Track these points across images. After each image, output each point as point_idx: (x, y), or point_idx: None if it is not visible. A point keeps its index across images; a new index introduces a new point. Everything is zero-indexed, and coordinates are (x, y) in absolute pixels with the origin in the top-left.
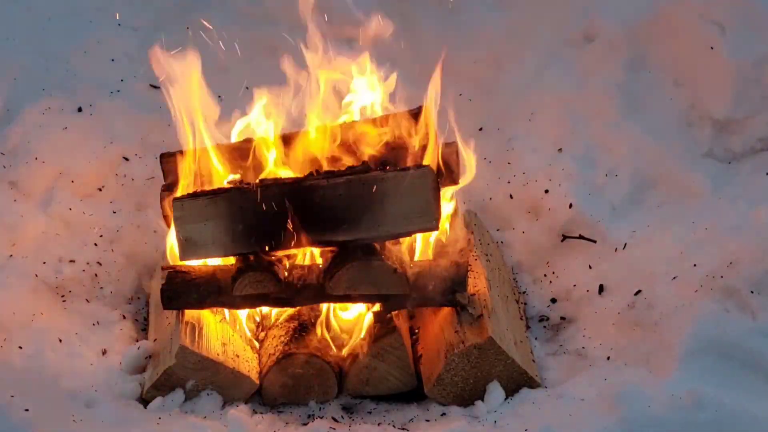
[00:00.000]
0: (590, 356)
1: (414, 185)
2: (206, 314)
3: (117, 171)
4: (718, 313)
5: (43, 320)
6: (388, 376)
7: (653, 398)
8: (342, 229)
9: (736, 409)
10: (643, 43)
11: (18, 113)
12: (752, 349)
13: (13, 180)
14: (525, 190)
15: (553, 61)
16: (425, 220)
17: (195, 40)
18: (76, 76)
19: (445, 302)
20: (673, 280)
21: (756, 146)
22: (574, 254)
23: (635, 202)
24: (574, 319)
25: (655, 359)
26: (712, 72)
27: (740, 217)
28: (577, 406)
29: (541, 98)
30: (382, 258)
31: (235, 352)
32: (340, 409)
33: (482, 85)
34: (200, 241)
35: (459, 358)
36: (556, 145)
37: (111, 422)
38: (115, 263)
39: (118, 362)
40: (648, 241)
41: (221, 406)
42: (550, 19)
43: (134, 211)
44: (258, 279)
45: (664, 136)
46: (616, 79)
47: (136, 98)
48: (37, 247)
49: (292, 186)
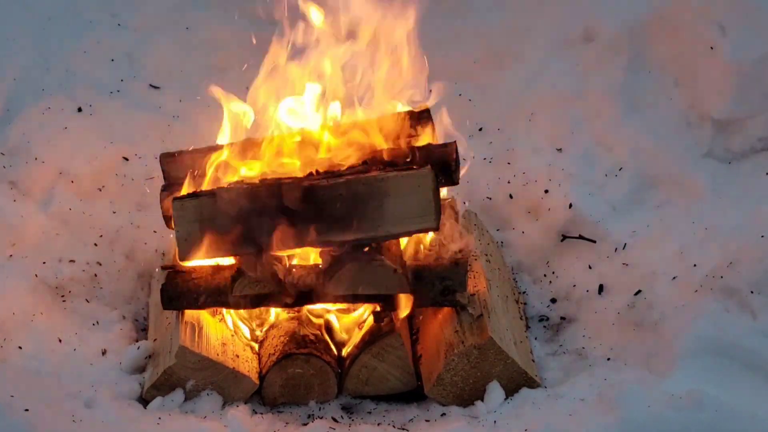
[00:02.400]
0: (590, 356)
1: (414, 185)
2: (206, 314)
3: (117, 171)
4: (718, 313)
5: (43, 320)
6: (388, 376)
7: (653, 398)
8: (342, 229)
9: (736, 409)
10: (643, 43)
11: (18, 113)
12: (752, 349)
13: (13, 180)
14: (525, 190)
15: (553, 61)
16: (425, 220)
17: (196, 39)
18: (76, 76)
19: (445, 302)
20: (673, 280)
21: (756, 146)
22: (574, 254)
23: (635, 202)
24: (574, 319)
25: (655, 359)
26: (712, 72)
27: (740, 217)
28: (577, 406)
29: (541, 98)
30: (382, 258)
31: (235, 352)
32: (340, 409)
33: (482, 85)
34: (200, 241)
35: (459, 358)
36: (556, 145)
37: (111, 422)
38: (115, 263)
39: (118, 362)
40: (648, 241)
41: (221, 406)
42: (550, 19)
43: (134, 211)
44: (258, 279)
45: (664, 136)
46: (616, 79)
47: (136, 98)
48: (37, 247)
49: (292, 186)
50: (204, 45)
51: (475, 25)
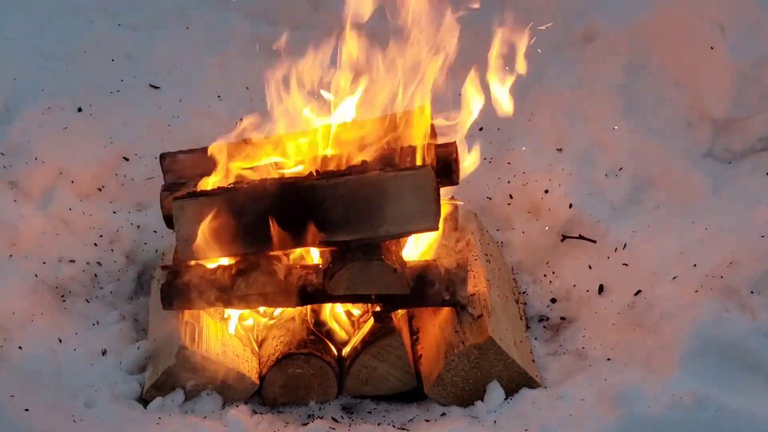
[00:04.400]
0: (590, 356)
1: (414, 185)
2: (206, 314)
3: (117, 171)
4: (718, 313)
5: (43, 320)
6: (388, 376)
7: (653, 398)
8: (342, 229)
9: (736, 409)
10: (643, 43)
11: (18, 113)
12: (752, 349)
13: (13, 180)
14: (525, 190)
15: (553, 61)
16: (425, 220)
17: (195, 39)
18: (76, 76)
19: (445, 302)
20: (673, 280)
21: (756, 146)
22: (574, 254)
23: (635, 202)
24: (574, 319)
25: (655, 359)
26: (712, 72)
27: (740, 217)
28: (577, 406)
29: (541, 98)
30: (382, 258)
31: (235, 352)
32: (340, 409)
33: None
34: (200, 241)
35: (459, 358)
36: (556, 145)
37: (111, 422)
38: (115, 263)
39: (118, 362)
40: (648, 241)
41: (221, 406)
42: (550, 19)
43: (134, 211)
44: (258, 279)
45: (664, 136)
46: (616, 79)
47: (136, 98)
48: (37, 247)
49: (292, 186)
50: (204, 45)
51: (475, 25)
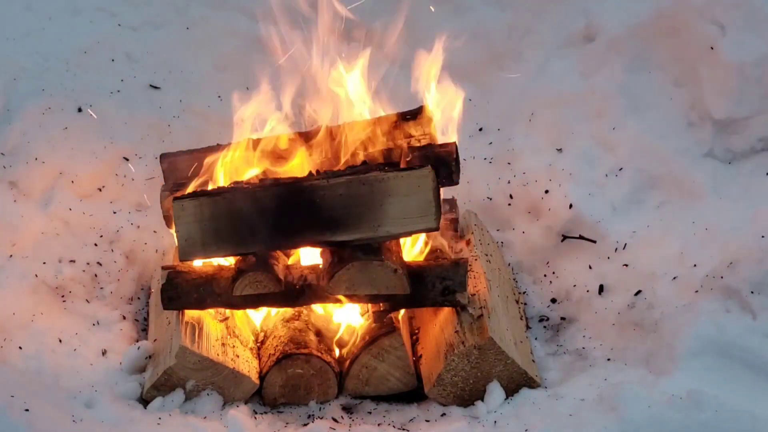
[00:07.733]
0: (590, 356)
1: (414, 185)
2: (206, 314)
3: (117, 171)
4: (719, 313)
5: (43, 320)
6: (388, 376)
7: (653, 398)
8: (342, 229)
9: (736, 409)
10: (643, 43)
11: (18, 113)
12: (752, 349)
13: (13, 180)
14: (525, 190)
15: (554, 61)
16: (425, 220)
17: (196, 39)
18: (76, 76)
19: (445, 302)
20: (673, 280)
21: (756, 146)
22: (574, 254)
23: (635, 202)
24: (574, 320)
25: (655, 359)
26: (712, 72)
27: (740, 217)
28: (577, 406)
29: (541, 98)
30: (382, 258)
31: (235, 352)
32: (340, 410)
33: (482, 85)
34: (200, 241)
35: (459, 359)
36: (556, 145)
37: (111, 422)
38: (115, 263)
39: (118, 362)
40: (648, 241)
41: (221, 407)
42: (550, 19)
43: (134, 211)
44: (258, 279)
45: (664, 136)
46: (616, 79)
47: (136, 98)
48: (37, 247)
49: (291, 186)
50: (204, 45)
51: (475, 25)
